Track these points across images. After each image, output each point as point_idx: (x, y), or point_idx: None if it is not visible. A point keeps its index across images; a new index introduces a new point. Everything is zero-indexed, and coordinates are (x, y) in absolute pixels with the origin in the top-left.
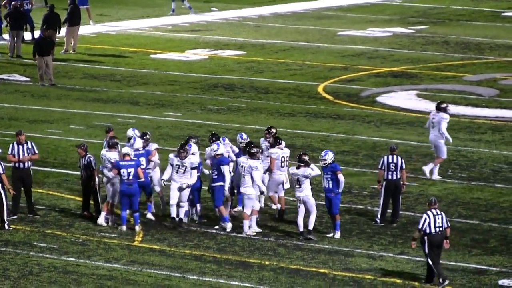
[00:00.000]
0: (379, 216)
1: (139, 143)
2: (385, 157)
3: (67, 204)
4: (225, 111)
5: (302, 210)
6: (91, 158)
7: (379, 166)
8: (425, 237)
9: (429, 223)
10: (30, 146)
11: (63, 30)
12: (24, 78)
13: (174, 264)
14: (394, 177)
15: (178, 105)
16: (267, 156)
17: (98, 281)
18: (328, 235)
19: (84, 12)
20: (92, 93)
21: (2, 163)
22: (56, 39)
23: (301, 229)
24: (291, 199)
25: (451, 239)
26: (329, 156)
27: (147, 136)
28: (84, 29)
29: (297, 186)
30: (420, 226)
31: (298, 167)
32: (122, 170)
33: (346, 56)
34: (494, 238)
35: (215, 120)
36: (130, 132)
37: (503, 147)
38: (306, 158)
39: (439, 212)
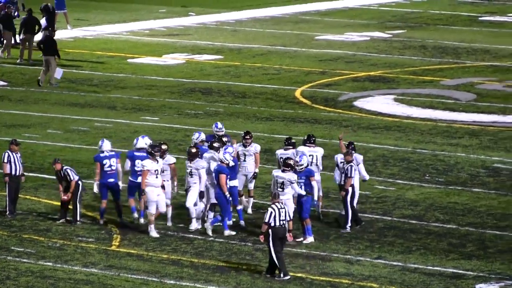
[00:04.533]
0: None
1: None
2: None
3: (45, 208)
4: (202, 115)
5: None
6: (68, 170)
7: (351, 174)
8: (269, 230)
9: (274, 216)
10: (19, 156)
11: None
12: (2, 83)
13: (152, 268)
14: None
15: (156, 110)
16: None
17: (76, 286)
18: (297, 239)
19: (62, 17)
20: (70, 98)
21: None
22: (34, 43)
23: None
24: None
25: (428, 243)
26: (304, 161)
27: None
28: (61, 34)
29: (280, 189)
30: (266, 220)
31: (283, 171)
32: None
33: (324, 60)
34: (471, 242)
35: (192, 124)
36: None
37: (480, 151)
38: (291, 162)
39: (283, 206)
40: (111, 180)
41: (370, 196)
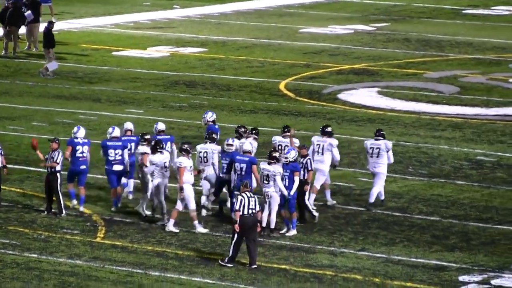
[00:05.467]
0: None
1: (117, 132)
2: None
3: (30, 200)
4: (187, 108)
5: (273, 205)
6: (60, 153)
7: (311, 167)
8: (240, 218)
9: (244, 204)
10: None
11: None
12: None
13: (136, 260)
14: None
15: (140, 102)
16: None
17: (61, 277)
18: (281, 231)
19: (46, 9)
20: (54, 90)
21: None
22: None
23: (265, 224)
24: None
25: (411, 235)
26: (291, 155)
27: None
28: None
29: (266, 182)
30: (236, 207)
31: (269, 163)
32: (110, 151)
33: (308, 53)
34: (455, 234)
35: (177, 117)
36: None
37: (464, 144)
38: (277, 155)
39: (252, 195)
40: (83, 167)
41: (354, 189)
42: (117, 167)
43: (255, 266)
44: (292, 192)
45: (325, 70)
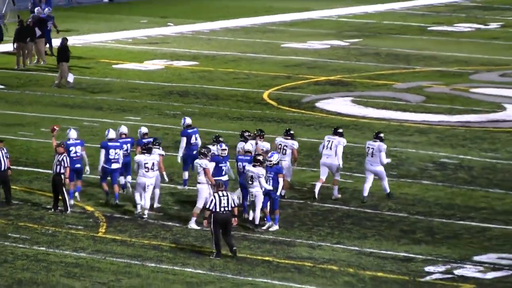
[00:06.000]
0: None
1: (112, 134)
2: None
3: (38, 199)
4: (180, 115)
5: (258, 203)
6: (66, 157)
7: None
8: (212, 215)
9: (215, 203)
10: (5, 152)
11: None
12: (0, 86)
13: (134, 253)
14: None
15: (138, 110)
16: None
17: (66, 268)
18: (263, 227)
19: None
20: (60, 99)
21: None
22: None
23: (251, 217)
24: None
25: (382, 230)
26: (274, 158)
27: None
28: (54, 42)
29: (250, 182)
30: (208, 206)
31: (253, 166)
32: (110, 151)
33: (289, 66)
34: (421, 229)
35: (171, 123)
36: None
37: (429, 147)
38: (260, 158)
39: (225, 194)
40: (78, 165)
41: (330, 188)
42: (115, 166)
43: (234, 248)
44: (278, 192)
45: (304, 81)
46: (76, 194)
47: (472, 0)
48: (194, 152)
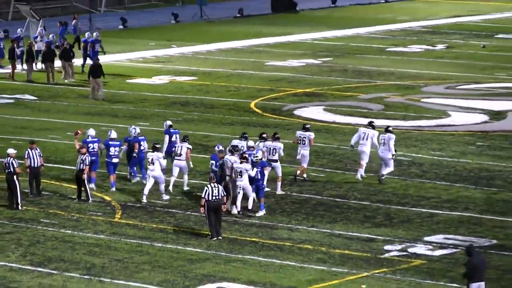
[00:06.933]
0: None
1: (114, 134)
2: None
3: (65, 191)
4: (182, 121)
5: (241, 194)
6: (88, 157)
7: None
8: (205, 203)
9: (208, 193)
10: (38, 151)
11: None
12: (33, 98)
13: (144, 235)
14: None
15: (147, 117)
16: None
17: (88, 248)
18: (252, 214)
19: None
20: (83, 109)
21: (16, 161)
22: (56, 68)
23: (239, 208)
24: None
25: (348, 215)
26: (260, 154)
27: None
28: (77, 61)
29: (239, 176)
30: (203, 195)
31: (241, 162)
32: (110, 148)
33: (272, 80)
34: (381, 215)
35: (175, 128)
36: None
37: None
38: (246, 155)
39: (216, 186)
40: (94, 158)
41: (307, 180)
42: (115, 160)
43: (220, 237)
44: (264, 183)
45: (284, 93)
46: (92, 185)
47: (422, 26)
48: (174, 148)
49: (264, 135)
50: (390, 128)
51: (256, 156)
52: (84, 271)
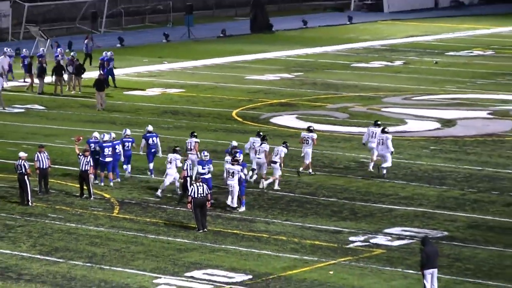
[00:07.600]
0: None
1: (107, 137)
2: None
3: (70, 189)
4: (172, 128)
5: (235, 192)
6: (91, 160)
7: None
8: (192, 200)
9: (194, 191)
10: (46, 154)
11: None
12: (42, 107)
13: (139, 228)
14: None
15: (142, 125)
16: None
17: (90, 239)
18: (235, 210)
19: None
20: (85, 117)
21: (27, 163)
22: (64, 83)
23: (229, 202)
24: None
25: (318, 210)
26: (241, 157)
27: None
28: (86, 75)
29: (230, 177)
30: (189, 193)
31: (232, 164)
32: (105, 149)
33: (251, 92)
34: (346, 210)
35: (166, 134)
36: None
37: (352, 151)
38: (237, 158)
39: (201, 185)
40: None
41: (282, 180)
42: (108, 159)
43: (206, 230)
44: (245, 179)
45: (261, 103)
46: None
47: (382, 44)
48: (153, 150)
49: (285, 143)
50: (386, 130)
51: (239, 159)
52: (86, 260)
